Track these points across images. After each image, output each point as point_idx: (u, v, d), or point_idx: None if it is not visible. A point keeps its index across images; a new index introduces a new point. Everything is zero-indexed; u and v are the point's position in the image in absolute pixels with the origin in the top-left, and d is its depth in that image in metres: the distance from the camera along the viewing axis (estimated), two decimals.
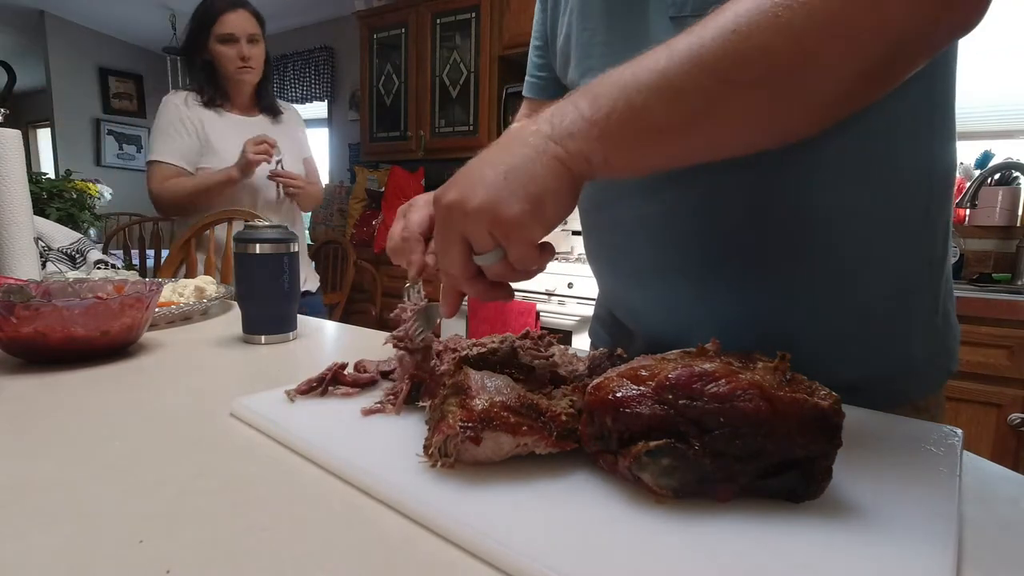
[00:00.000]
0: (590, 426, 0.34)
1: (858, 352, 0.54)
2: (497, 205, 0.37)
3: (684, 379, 0.32)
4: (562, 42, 0.67)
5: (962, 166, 2.10)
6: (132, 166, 5.12)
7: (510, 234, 0.38)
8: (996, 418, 1.56)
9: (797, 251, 0.51)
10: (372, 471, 0.35)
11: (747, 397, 0.31)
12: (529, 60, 0.78)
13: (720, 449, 0.31)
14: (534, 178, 0.38)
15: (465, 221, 0.39)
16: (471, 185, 0.39)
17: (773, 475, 0.31)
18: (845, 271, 0.52)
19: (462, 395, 0.36)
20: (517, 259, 0.40)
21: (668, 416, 0.31)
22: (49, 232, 1.23)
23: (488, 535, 0.28)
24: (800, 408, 0.30)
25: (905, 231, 0.52)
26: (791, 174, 0.49)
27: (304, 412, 0.45)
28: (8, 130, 0.96)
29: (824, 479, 0.31)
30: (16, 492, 0.34)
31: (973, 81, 2.08)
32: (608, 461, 0.34)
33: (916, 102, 0.49)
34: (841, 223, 0.50)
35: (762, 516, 0.31)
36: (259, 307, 0.73)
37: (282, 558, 0.28)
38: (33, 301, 0.63)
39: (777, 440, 0.30)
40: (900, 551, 0.28)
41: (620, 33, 0.59)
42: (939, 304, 0.56)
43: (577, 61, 0.63)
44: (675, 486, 0.31)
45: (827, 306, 0.53)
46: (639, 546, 0.28)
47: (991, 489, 0.37)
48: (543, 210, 0.38)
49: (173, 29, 4.38)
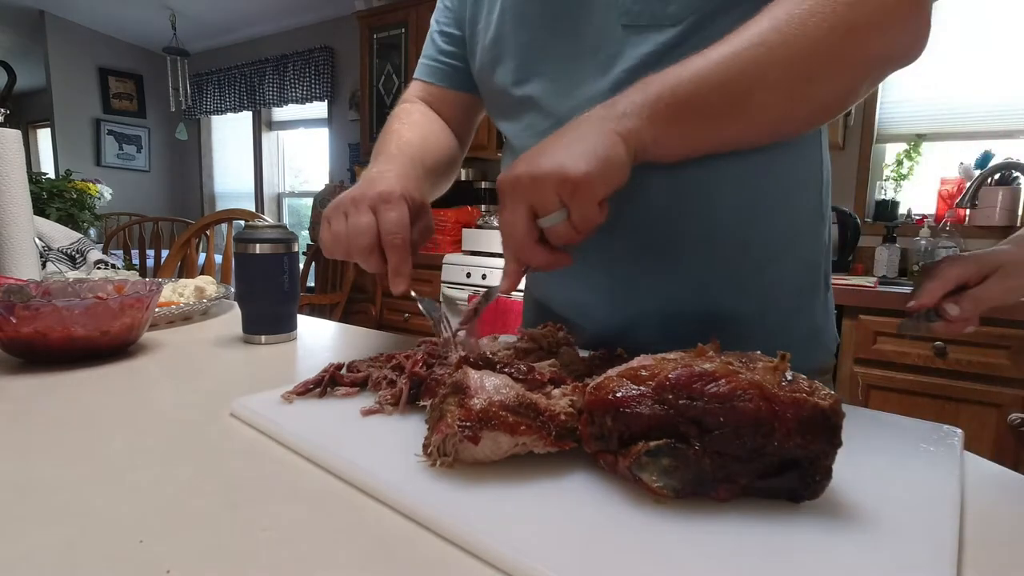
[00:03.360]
0: (590, 426, 0.34)
1: (774, 326, 0.62)
2: (563, 166, 0.42)
3: (684, 379, 0.32)
4: (489, 41, 0.66)
5: (962, 166, 2.10)
6: (132, 166, 5.12)
7: (576, 192, 0.42)
8: (996, 418, 1.56)
9: (714, 243, 0.58)
10: (372, 471, 0.35)
11: (747, 397, 0.31)
12: (431, 43, 0.77)
13: (720, 449, 0.31)
14: (596, 145, 0.43)
15: (532, 186, 0.43)
16: (536, 158, 0.44)
17: (773, 475, 0.31)
18: (757, 258, 0.59)
19: (461, 394, 0.36)
20: (580, 218, 0.44)
21: (668, 416, 0.31)
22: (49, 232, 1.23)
23: (488, 534, 0.28)
24: (800, 408, 0.30)
25: (804, 223, 0.62)
26: (702, 174, 0.56)
27: (304, 412, 0.45)
28: (8, 130, 0.96)
29: (824, 479, 0.31)
30: (16, 492, 0.34)
31: (973, 81, 2.08)
32: (608, 461, 0.33)
33: None
34: (749, 218, 0.58)
35: (761, 516, 0.31)
36: (259, 307, 0.73)
37: (282, 558, 0.28)
38: (33, 301, 0.63)
39: (777, 440, 0.30)
40: (900, 552, 0.28)
41: (568, 39, 0.61)
42: (828, 282, 0.67)
43: (518, 65, 0.64)
44: (675, 486, 0.31)
45: (747, 289, 0.60)
46: (638, 545, 0.28)
47: (991, 489, 0.37)
48: (606, 169, 0.43)
49: (173, 29, 4.38)
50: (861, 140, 2.25)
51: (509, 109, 0.68)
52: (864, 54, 0.45)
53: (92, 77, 4.88)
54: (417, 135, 0.71)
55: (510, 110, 0.67)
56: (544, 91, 0.63)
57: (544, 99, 0.63)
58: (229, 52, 4.77)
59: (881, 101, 2.23)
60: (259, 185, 4.84)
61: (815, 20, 0.43)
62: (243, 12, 4.22)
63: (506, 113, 0.69)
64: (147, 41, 4.92)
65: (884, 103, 2.23)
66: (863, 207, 2.27)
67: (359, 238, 0.53)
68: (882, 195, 2.25)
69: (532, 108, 0.64)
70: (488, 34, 0.67)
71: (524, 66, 0.64)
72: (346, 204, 0.55)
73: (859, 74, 0.46)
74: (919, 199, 2.22)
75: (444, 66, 0.76)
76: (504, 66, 0.65)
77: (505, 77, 0.65)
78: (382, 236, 0.53)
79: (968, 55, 2.09)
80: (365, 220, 0.53)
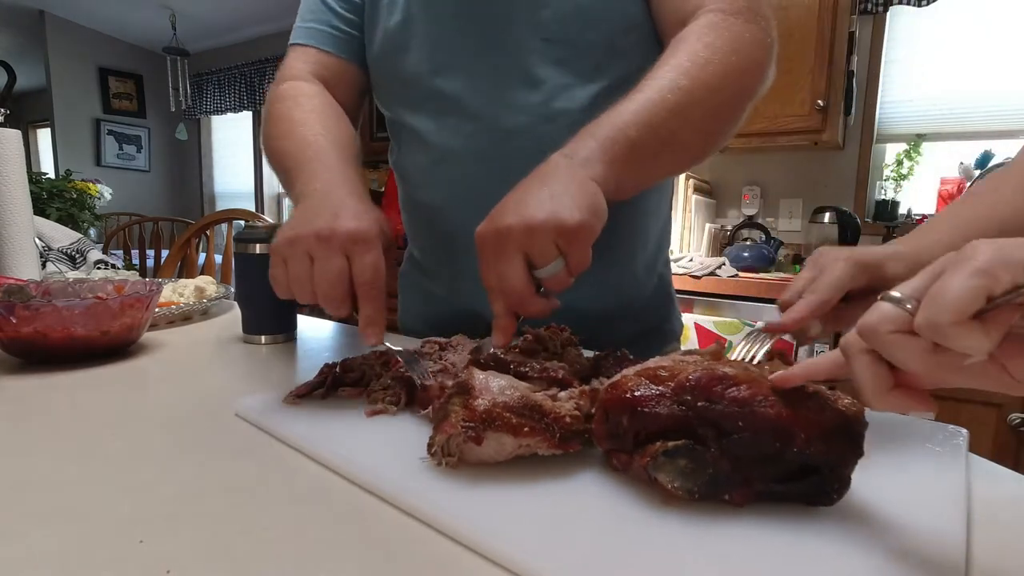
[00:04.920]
0: (605, 424, 0.34)
1: (642, 311, 0.72)
2: (559, 216, 0.43)
3: (704, 381, 0.31)
4: (395, 25, 0.64)
5: (962, 166, 2.09)
6: (132, 166, 5.12)
7: (575, 239, 0.43)
8: (996, 418, 1.56)
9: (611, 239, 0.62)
10: (375, 470, 0.35)
11: (768, 403, 0.30)
12: (322, 7, 0.69)
13: (738, 452, 0.30)
14: (579, 192, 0.44)
15: (530, 237, 0.43)
16: (522, 209, 0.43)
17: (791, 480, 0.31)
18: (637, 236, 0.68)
19: (465, 395, 0.36)
20: (577, 263, 0.45)
21: (686, 417, 0.31)
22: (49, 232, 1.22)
23: (493, 534, 0.28)
24: (822, 415, 0.30)
25: (666, 218, 0.76)
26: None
27: (305, 412, 0.45)
28: (8, 130, 0.95)
29: (842, 487, 0.30)
30: (16, 492, 0.34)
31: (973, 81, 2.08)
32: (622, 460, 0.33)
33: None
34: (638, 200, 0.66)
35: (770, 517, 0.30)
36: (259, 307, 0.73)
37: (283, 558, 0.28)
38: (33, 301, 0.63)
39: (797, 446, 0.30)
40: (908, 553, 0.27)
41: (483, 40, 0.61)
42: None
43: (426, 54, 0.63)
44: (691, 488, 0.30)
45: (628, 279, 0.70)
46: (646, 546, 0.28)
47: (993, 489, 0.37)
48: (596, 215, 0.44)
49: (173, 29, 4.38)
50: (861, 140, 2.25)
51: (421, 100, 0.65)
52: (750, 92, 0.55)
53: (92, 77, 4.88)
54: (331, 130, 0.63)
55: (422, 102, 0.65)
56: (464, 89, 0.62)
57: (466, 98, 0.62)
58: (229, 52, 4.77)
59: (881, 101, 2.22)
60: (259, 185, 4.84)
61: (712, 68, 0.51)
62: (243, 12, 4.21)
63: (415, 105, 0.66)
64: (147, 41, 4.92)
65: (884, 103, 2.23)
66: (863, 207, 2.27)
67: (331, 288, 0.47)
68: (882, 195, 2.25)
69: (453, 106, 0.63)
70: (394, 16, 0.64)
71: (436, 56, 0.63)
72: (309, 243, 0.47)
73: (745, 107, 0.56)
74: (919, 199, 2.22)
75: (343, 35, 0.69)
76: (414, 54, 0.63)
77: (417, 66, 0.63)
78: (357, 285, 0.47)
79: (968, 55, 2.09)
80: (336, 265, 0.47)
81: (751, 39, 0.54)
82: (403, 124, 0.70)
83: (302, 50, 0.70)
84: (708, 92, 0.51)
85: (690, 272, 1.93)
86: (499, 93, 0.61)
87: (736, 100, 0.55)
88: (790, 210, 2.37)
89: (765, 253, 2.06)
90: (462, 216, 0.66)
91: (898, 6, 2.10)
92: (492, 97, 0.61)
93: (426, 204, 0.70)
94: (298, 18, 0.72)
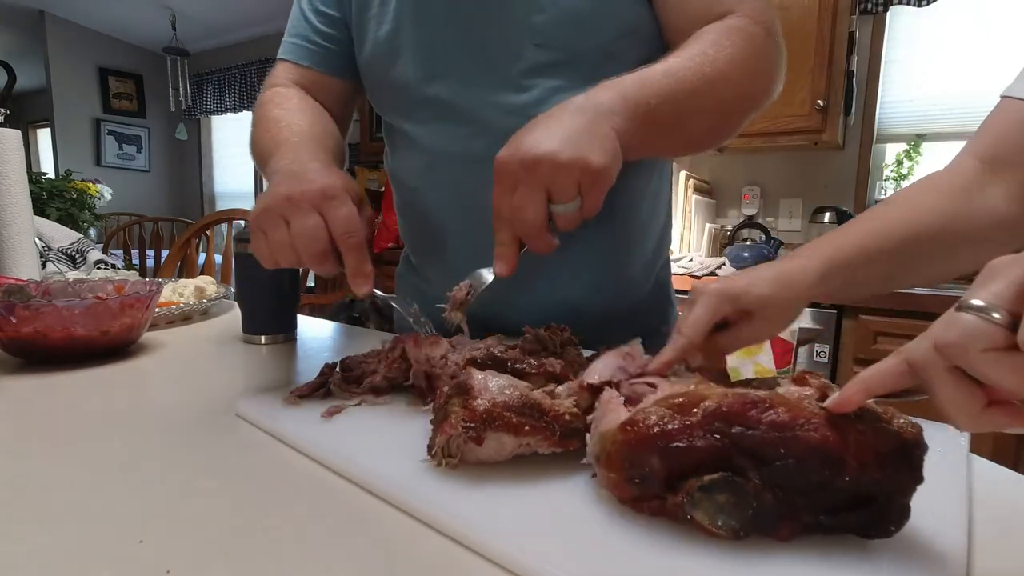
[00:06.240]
0: (624, 470, 0.30)
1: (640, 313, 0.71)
2: (588, 158, 0.44)
3: (737, 407, 0.28)
4: (385, 34, 0.65)
5: None
6: (132, 166, 5.12)
7: (596, 182, 0.45)
8: None
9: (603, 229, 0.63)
10: (375, 470, 0.35)
11: (811, 426, 0.27)
12: (303, 22, 0.72)
13: (782, 482, 0.27)
14: (604, 138, 0.46)
15: (556, 173, 0.44)
16: (551, 143, 0.44)
17: (842, 511, 0.28)
18: (635, 239, 0.69)
19: (465, 395, 0.36)
20: (592, 206, 0.46)
21: (722, 448, 0.28)
22: (49, 232, 1.22)
23: (493, 534, 0.28)
24: (876, 439, 0.27)
25: (666, 222, 0.75)
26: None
27: (306, 412, 0.45)
28: (8, 130, 0.95)
29: (901, 518, 0.27)
30: (16, 492, 0.34)
31: (973, 81, 2.08)
32: (653, 507, 0.29)
33: None
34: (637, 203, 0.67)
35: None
36: (259, 307, 0.73)
37: (283, 558, 0.28)
38: (33, 301, 0.63)
39: (849, 474, 0.27)
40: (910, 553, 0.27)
41: (475, 43, 0.61)
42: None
43: (418, 61, 0.63)
44: (734, 525, 0.27)
45: (626, 281, 0.69)
46: (646, 546, 0.28)
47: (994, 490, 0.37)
48: (617, 162, 0.46)
49: (173, 29, 4.38)
50: (861, 140, 2.25)
51: (413, 107, 0.66)
52: (759, 99, 0.58)
53: (92, 77, 4.88)
54: (305, 121, 0.65)
55: (414, 108, 0.66)
56: (456, 93, 0.62)
57: (458, 102, 0.62)
58: (229, 52, 4.77)
59: (881, 101, 2.22)
60: (259, 185, 4.84)
61: (735, 65, 0.54)
62: (243, 12, 4.21)
63: (408, 111, 0.67)
64: (147, 41, 4.92)
65: (884, 103, 2.23)
66: (863, 207, 2.27)
67: (311, 244, 0.48)
68: (882, 195, 2.25)
69: (445, 110, 0.63)
70: (383, 26, 0.65)
71: (428, 63, 0.63)
72: (281, 207, 0.48)
73: (748, 114, 0.58)
74: None
75: (321, 49, 0.71)
76: (405, 61, 0.64)
77: (408, 73, 0.64)
78: (336, 237, 0.48)
79: (968, 55, 2.09)
80: (312, 222, 0.48)
81: (769, 53, 0.57)
82: (396, 128, 0.70)
83: (282, 63, 0.74)
84: (727, 87, 0.54)
85: (690, 272, 1.93)
86: (492, 96, 0.61)
87: (747, 103, 0.57)
88: (790, 210, 2.37)
89: (765, 253, 2.06)
90: (455, 219, 0.66)
91: (898, 6, 2.10)
92: (485, 100, 0.61)
93: (420, 207, 0.70)
94: (285, 31, 0.76)
